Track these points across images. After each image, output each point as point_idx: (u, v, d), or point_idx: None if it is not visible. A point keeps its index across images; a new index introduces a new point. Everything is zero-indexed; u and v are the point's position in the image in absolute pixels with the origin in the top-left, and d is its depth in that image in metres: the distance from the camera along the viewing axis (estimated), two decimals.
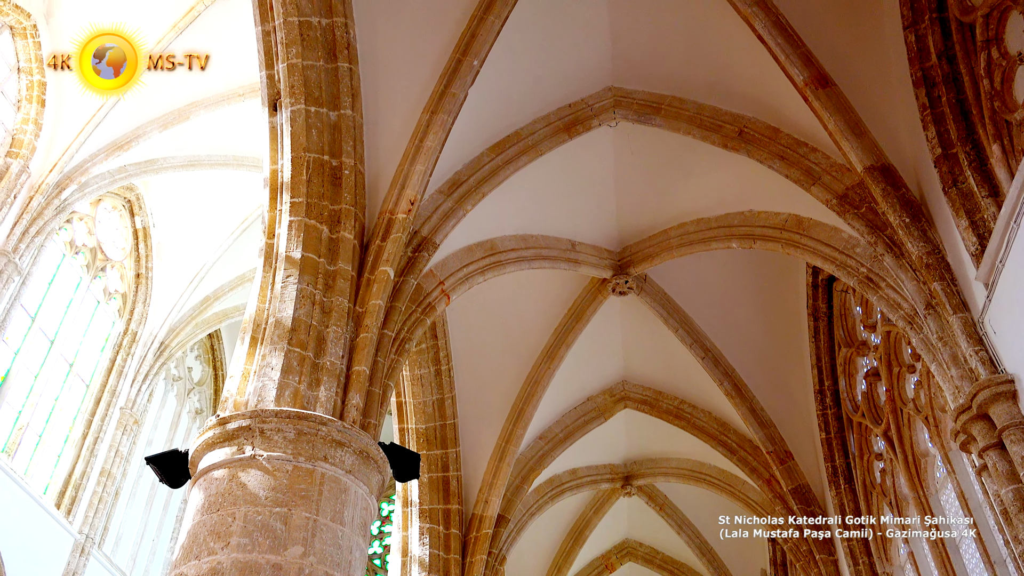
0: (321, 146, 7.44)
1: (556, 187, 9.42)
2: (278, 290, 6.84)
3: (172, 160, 15.87)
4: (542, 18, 8.08)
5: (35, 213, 13.75)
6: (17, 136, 13.87)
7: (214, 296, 18.07)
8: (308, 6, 7.42)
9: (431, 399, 11.00)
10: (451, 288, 8.45)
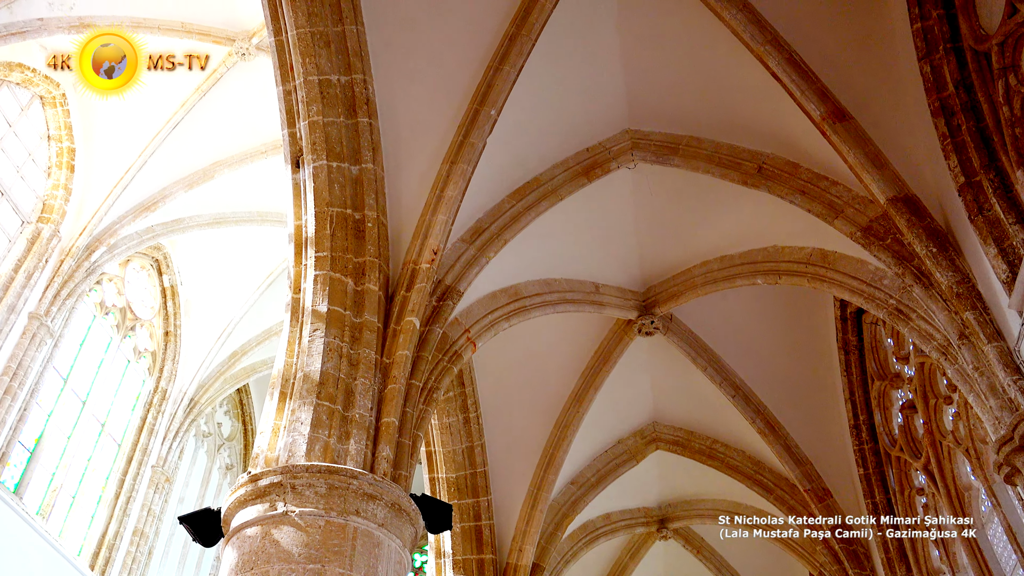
0: (344, 200, 7.55)
1: (578, 231, 9.46)
2: (305, 344, 6.88)
3: (198, 219, 16.16)
4: (556, 65, 8.18)
5: (66, 276, 14.00)
6: (48, 202, 14.20)
7: (241, 351, 18.21)
8: (327, 65, 7.58)
9: (461, 447, 10.94)
10: (477, 335, 8.46)
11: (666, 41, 8.28)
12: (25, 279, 13.25)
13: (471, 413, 10.90)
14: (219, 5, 13.32)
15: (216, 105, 14.47)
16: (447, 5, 7.85)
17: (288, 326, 7.15)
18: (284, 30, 7.57)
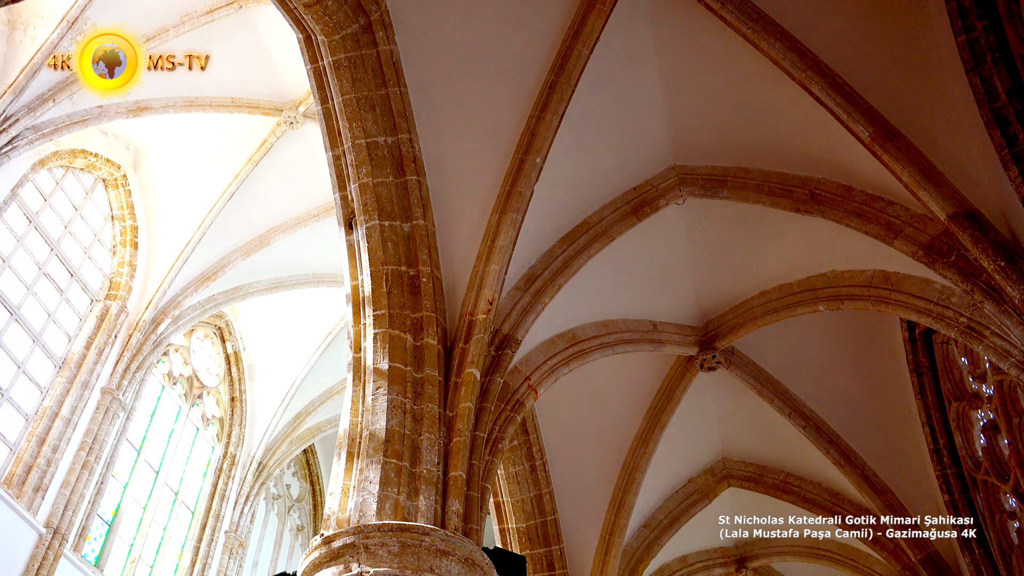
0: (397, 258, 7.67)
1: (631, 270, 9.42)
2: (369, 403, 6.93)
3: (257, 285, 16.57)
4: (598, 108, 8.24)
5: (134, 350, 14.42)
6: (114, 279, 14.72)
7: (306, 412, 18.46)
8: (374, 127, 7.77)
9: (529, 496, 10.84)
10: (538, 382, 8.44)
11: (706, 75, 8.29)
12: (96, 355, 13.67)
13: (537, 461, 10.81)
14: (265, 78, 13.81)
15: (268, 173, 14.93)
16: (485, 59, 7.99)
17: (351, 385, 7.23)
18: (330, 97, 7.80)
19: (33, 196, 13.25)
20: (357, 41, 7.70)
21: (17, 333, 12.42)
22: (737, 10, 7.32)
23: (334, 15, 7.44)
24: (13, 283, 12.49)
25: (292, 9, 7.45)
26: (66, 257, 13.75)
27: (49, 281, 13.32)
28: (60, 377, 13.13)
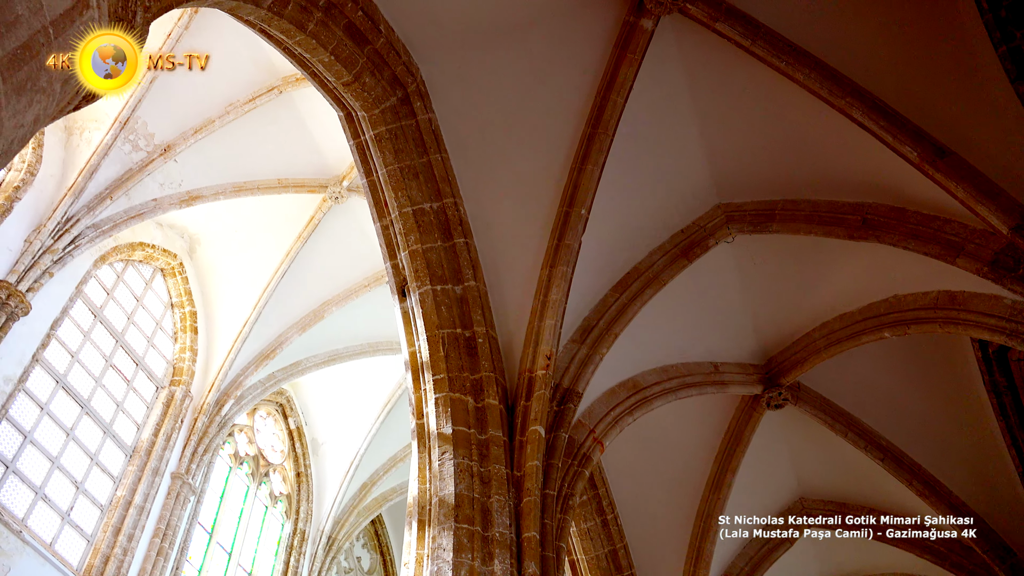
0: (452, 320, 7.72)
1: (686, 313, 9.32)
2: (436, 468, 6.91)
3: (314, 359, 16.75)
4: (638, 154, 8.27)
5: (201, 433, 14.64)
6: (177, 365, 15.03)
7: (371, 482, 18.43)
8: (418, 195, 7.92)
9: (603, 552, 10.60)
10: (603, 434, 8.33)
11: (743, 111, 8.28)
12: (165, 441, 13.90)
13: (608, 515, 10.60)
14: (308, 157, 14.19)
15: (318, 249, 15.22)
16: (522, 118, 8.11)
17: (416, 452, 7.22)
18: (374, 170, 7.98)
19: (96, 291, 13.69)
20: (396, 113, 7.90)
21: (88, 426, 12.71)
22: (768, 45, 7.33)
23: (372, 90, 7.65)
24: (83, 377, 12.84)
25: (332, 89, 7.69)
26: (131, 347, 14.12)
27: (116, 372, 13.67)
28: (131, 465, 13.36)
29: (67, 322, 12.69)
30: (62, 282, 12.51)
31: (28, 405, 11.54)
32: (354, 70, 7.37)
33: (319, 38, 6.89)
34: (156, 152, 13.18)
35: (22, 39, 3.17)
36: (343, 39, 7.09)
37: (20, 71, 3.18)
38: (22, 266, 11.58)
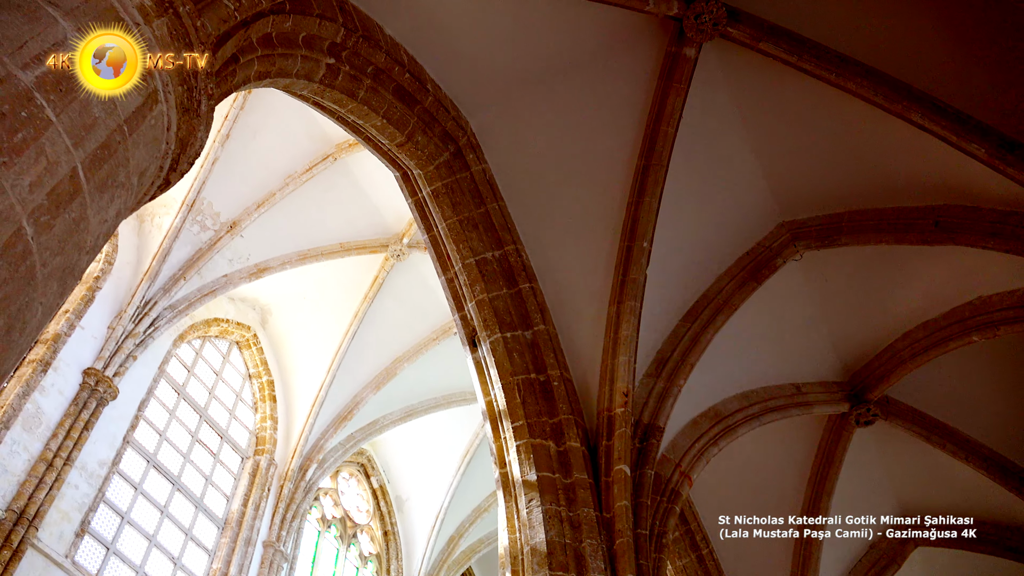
0: (525, 366, 7.72)
1: (761, 336, 9.14)
2: (524, 517, 6.85)
3: (390, 416, 16.90)
4: (695, 181, 8.23)
5: (288, 500, 14.84)
6: (259, 434, 15.34)
7: (458, 534, 18.36)
8: (479, 245, 8.00)
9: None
10: (689, 468, 8.17)
11: (797, 127, 8.17)
12: (254, 511, 14.13)
13: (703, 550, 10.32)
14: (367, 218, 14.50)
15: (384, 307, 15.45)
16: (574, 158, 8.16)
17: (503, 501, 7.18)
18: (434, 225, 8.10)
19: (178, 369, 14.12)
20: (450, 167, 8.04)
21: (181, 501, 13.02)
22: (815, 58, 7.25)
23: (425, 148, 7.81)
24: (172, 455, 13.19)
25: (386, 151, 7.88)
26: (214, 421, 14.47)
27: (202, 447, 14.00)
28: (224, 537, 13.59)
29: (153, 402, 13.09)
30: (145, 364, 12.95)
31: (123, 486, 11.89)
32: (406, 130, 7.54)
33: (370, 104, 7.09)
34: (223, 230, 13.65)
35: (101, 139, 3.34)
36: (393, 102, 7.28)
37: (101, 170, 3.34)
38: (107, 352, 12.03)
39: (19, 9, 3.17)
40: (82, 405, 11.22)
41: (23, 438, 10.25)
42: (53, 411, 10.83)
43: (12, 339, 2.90)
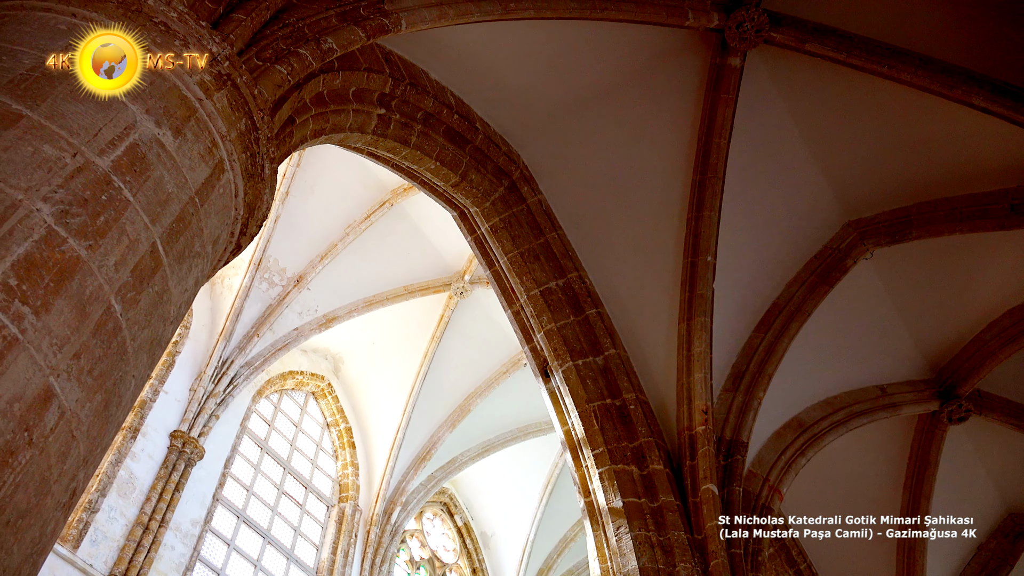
0: (600, 392, 7.67)
1: (839, 340, 8.90)
2: (614, 545, 6.77)
3: (468, 453, 16.95)
4: (754, 190, 8.12)
5: (375, 545, 14.95)
6: (342, 481, 15.53)
7: (546, 567, 18.19)
8: (542, 275, 8.02)
9: None
10: (778, 481, 7.96)
11: (852, 124, 8.01)
12: (344, 558, 14.26)
13: (801, 564, 10.02)
14: (428, 259, 14.69)
15: (452, 345, 15.57)
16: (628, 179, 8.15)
17: (590, 531, 7.11)
18: (496, 260, 8.16)
19: (259, 424, 14.43)
20: (506, 202, 8.11)
21: (272, 554, 13.23)
22: (865, 52, 7.13)
23: (479, 186, 7.90)
24: (260, 509, 13.44)
25: (441, 192, 7.99)
26: (297, 472, 14.72)
27: (288, 498, 14.24)
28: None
29: (238, 458, 13.39)
30: (228, 422, 13.27)
31: (216, 544, 12.15)
32: (459, 170, 7.65)
33: (422, 148, 7.22)
34: (290, 285, 13.99)
35: (175, 213, 3.48)
36: (444, 144, 7.40)
37: (178, 242, 3.48)
38: (191, 414, 12.38)
39: (91, 99, 3.34)
40: (171, 467, 11.55)
41: (119, 504, 10.58)
42: (145, 475, 11.17)
43: (110, 413, 3.02)
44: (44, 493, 2.58)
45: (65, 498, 2.76)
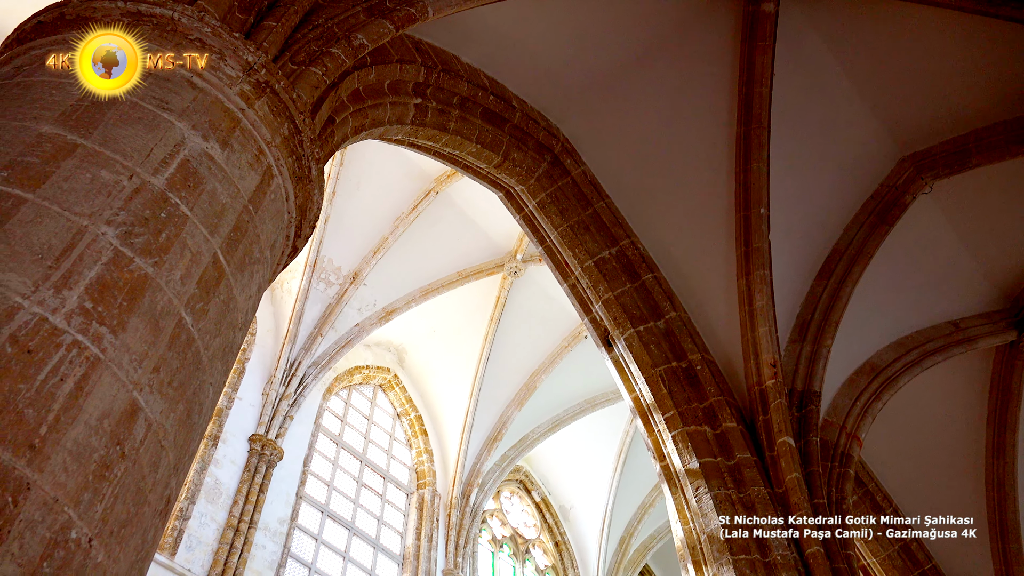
0: (664, 356, 7.64)
1: (905, 279, 8.69)
2: (694, 506, 6.77)
3: (538, 430, 17.07)
4: (802, 136, 7.95)
5: (457, 527, 15.20)
6: (418, 469, 15.80)
7: (628, 534, 18.26)
8: (594, 245, 8.00)
9: (894, 550, 9.83)
10: (855, 428, 7.84)
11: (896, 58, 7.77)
12: (428, 543, 14.54)
13: (887, 509, 9.85)
14: (478, 243, 14.75)
15: (511, 325, 15.66)
16: (671, 141, 8.05)
17: (669, 494, 7.12)
18: (546, 236, 8.16)
19: (332, 421, 14.75)
20: (551, 176, 8.09)
21: (359, 545, 13.56)
22: None
23: (522, 163, 7.90)
24: (342, 502, 13.78)
25: (485, 175, 8.01)
26: (374, 463, 15.02)
27: (368, 490, 14.56)
28: (405, 573, 14.04)
29: (316, 456, 13.71)
30: (302, 422, 13.60)
31: (304, 540, 12.49)
32: (501, 150, 7.65)
33: (462, 133, 7.23)
34: (347, 282, 14.22)
35: (232, 223, 3.57)
36: (483, 126, 7.40)
37: (238, 250, 3.57)
38: (266, 417, 12.72)
39: (139, 121, 3.44)
40: (254, 470, 11.90)
41: (209, 509, 10.96)
42: (229, 480, 11.53)
43: (193, 421, 3.13)
44: (141, 502, 2.70)
45: (161, 505, 2.88)
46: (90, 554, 2.37)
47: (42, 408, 2.38)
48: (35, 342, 2.49)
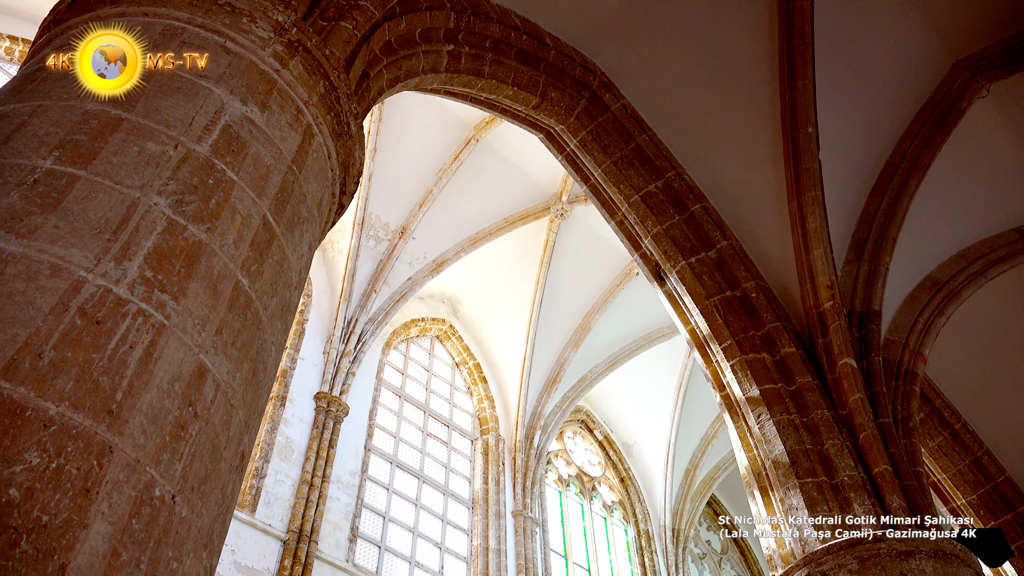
0: (718, 286, 7.57)
1: (964, 188, 8.41)
2: (757, 433, 6.76)
3: (596, 370, 17.16)
4: (847, 48, 7.67)
5: (523, 469, 15.47)
6: (481, 415, 16.07)
7: (692, 466, 18.38)
8: (640, 180, 7.90)
9: (964, 464, 9.73)
10: (918, 345, 7.70)
11: None
12: (496, 486, 14.86)
13: (956, 424, 9.72)
14: (522, 187, 14.70)
15: (562, 267, 15.65)
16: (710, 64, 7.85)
17: (731, 423, 7.12)
18: (590, 174, 8.09)
19: (393, 375, 15.05)
20: (590, 113, 7.98)
21: (429, 492, 13.93)
22: None
23: (560, 103, 7.80)
24: (410, 452, 14.12)
25: (524, 117, 7.94)
26: (437, 413, 15.32)
27: (434, 439, 14.88)
28: (476, 516, 14.41)
29: (380, 409, 14.03)
30: (363, 377, 13.89)
31: (376, 490, 12.87)
32: (538, 91, 7.56)
33: (497, 76, 7.15)
34: (395, 237, 14.34)
35: (278, 184, 3.62)
36: (518, 67, 7.31)
37: (286, 211, 3.63)
38: (328, 375, 13.02)
39: (179, 91, 3.49)
40: (322, 427, 12.25)
41: (282, 467, 11.35)
42: (299, 438, 11.90)
43: (259, 379, 3.23)
44: (218, 459, 2.81)
45: (236, 461, 2.99)
46: (174, 510, 2.49)
47: (116, 375, 2.48)
48: (102, 313, 2.58)
